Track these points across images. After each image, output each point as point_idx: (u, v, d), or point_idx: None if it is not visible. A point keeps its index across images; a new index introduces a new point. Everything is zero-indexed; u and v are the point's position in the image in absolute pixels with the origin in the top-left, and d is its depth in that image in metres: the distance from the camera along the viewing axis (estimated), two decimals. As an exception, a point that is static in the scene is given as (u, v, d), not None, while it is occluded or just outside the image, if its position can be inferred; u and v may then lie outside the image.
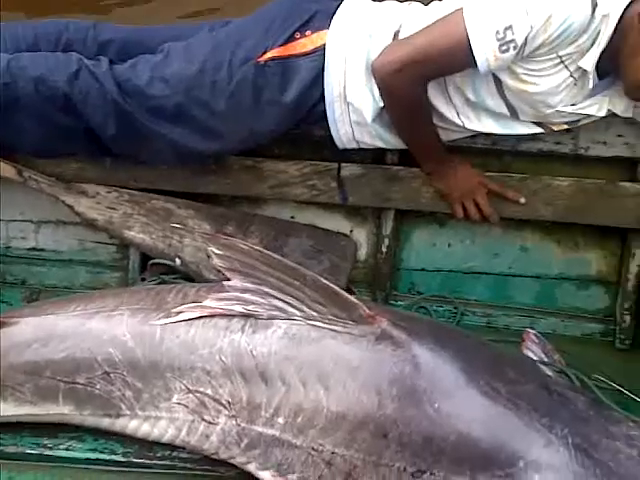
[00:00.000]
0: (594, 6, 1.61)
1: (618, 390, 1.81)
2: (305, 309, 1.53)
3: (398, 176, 2.01)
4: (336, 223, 2.13)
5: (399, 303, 2.11)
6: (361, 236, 2.13)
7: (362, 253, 2.14)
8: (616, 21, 1.64)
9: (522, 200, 1.95)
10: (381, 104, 1.80)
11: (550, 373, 1.66)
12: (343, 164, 2.01)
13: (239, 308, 1.58)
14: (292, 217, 2.13)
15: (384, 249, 2.09)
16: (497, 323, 2.06)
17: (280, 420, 1.51)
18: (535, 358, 1.79)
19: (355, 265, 2.13)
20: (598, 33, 1.64)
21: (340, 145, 1.93)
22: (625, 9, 1.64)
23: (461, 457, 1.38)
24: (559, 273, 2.06)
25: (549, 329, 2.02)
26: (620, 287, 2.01)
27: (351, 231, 2.13)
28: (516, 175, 1.98)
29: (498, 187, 1.96)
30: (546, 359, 1.80)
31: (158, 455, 1.64)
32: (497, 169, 1.99)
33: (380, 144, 1.92)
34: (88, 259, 2.17)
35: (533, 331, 1.88)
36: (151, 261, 2.06)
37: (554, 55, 1.65)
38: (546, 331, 1.98)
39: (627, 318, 2.00)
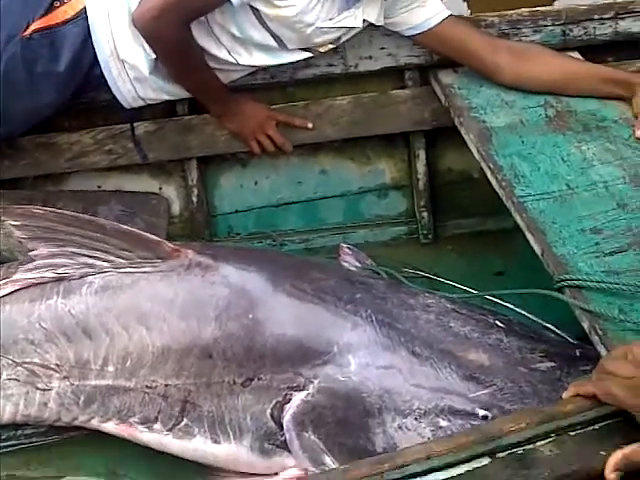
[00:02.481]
0: None
1: (426, 277, 1.99)
2: (113, 259, 1.57)
3: (191, 125, 2.07)
4: (144, 184, 2.17)
5: (221, 248, 2.18)
6: (170, 191, 2.19)
7: (175, 208, 2.19)
8: None
9: (309, 125, 2.07)
10: (153, 55, 1.84)
11: (356, 270, 1.80)
12: (136, 124, 2.05)
13: (50, 274, 1.61)
14: (99, 186, 2.15)
15: (195, 199, 2.15)
16: (314, 245, 2.17)
17: (110, 369, 1.55)
18: (350, 267, 1.93)
19: (171, 221, 2.18)
20: None
21: (126, 105, 1.96)
22: None
23: (281, 357, 1.47)
24: (359, 188, 2.20)
25: (361, 240, 2.15)
26: (414, 188, 2.18)
27: (160, 188, 2.18)
28: (299, 103, 2.09)
29: (285, 117, 2.06)
30: (360, 265, 1.94)
31: (3, 437, 1.64)
32: (281, 101, 2.10)
33: (165, 96, 1.97)
34: None
35: (346, 245, 2.03)
36: (-40, 256, 2.02)
37: None
38: (358, 242, 2.11)
39: (425, 215, 2.17)
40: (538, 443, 0.98)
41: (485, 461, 0.95)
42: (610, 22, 2.04)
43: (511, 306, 1.73)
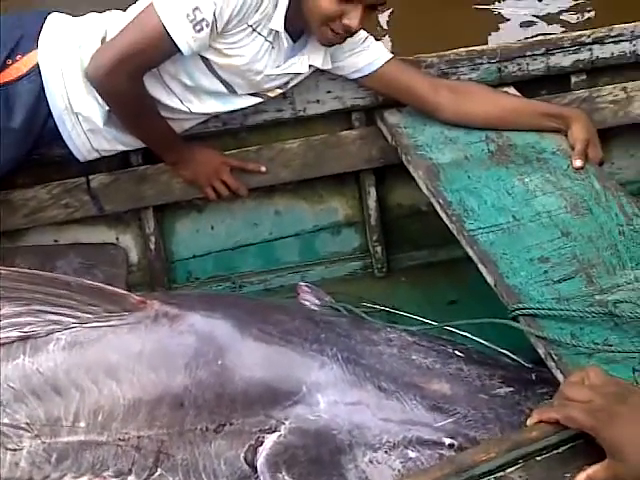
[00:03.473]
0: None
1: (384, 311, 2.05)
2: (79, 314, 1.58)
3: (146, 175, 2.11)
4: (101, 235, 2.19)
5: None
6: (128, 241, 2.21)
7: (133, 257, 2.22)
8: None
9: (263, 169, 2.13)
10: (107, 107, 1.88)
11: (318, 309, 1.85)
12: (91, 176, 2.08)
13: (15, 333, 1.61)
14: (56, 240, 2.16)
15: (152, 247, 2.18)
16: (273, 285, 2.23)
17: (82, 424, 1.56)
18: (310, 305, 1.98)
19: (130, 270, 2.20)
20: None
21: (81, 158, 1.99)
22: None
23: (252, 401, 1.50)
24: (313, 226, 2.27)
25: (318, 277, 2.22)
26: (366, 224, 2.25)
27: (117, 239, 2.20)
28: (252, 148, 2.15)
29: (239, 162, 2.12)
30: (319, 302, 1.99)
31: (-27, 501, 1.64)
32: (234, 147, 2.15)
33: (120, 147, 2.01)
34: None
35: (304, 283, 2.07)
36: None
37: (245, 25, 1.82)
38: (315, 280, 2.17)
39: (379, 249, 2.25)
40: (508, 470, 1.04)
41: (460, 492, 1.00)
42: (542, 58, 2.17)
43: (467, 334, 1.80)
